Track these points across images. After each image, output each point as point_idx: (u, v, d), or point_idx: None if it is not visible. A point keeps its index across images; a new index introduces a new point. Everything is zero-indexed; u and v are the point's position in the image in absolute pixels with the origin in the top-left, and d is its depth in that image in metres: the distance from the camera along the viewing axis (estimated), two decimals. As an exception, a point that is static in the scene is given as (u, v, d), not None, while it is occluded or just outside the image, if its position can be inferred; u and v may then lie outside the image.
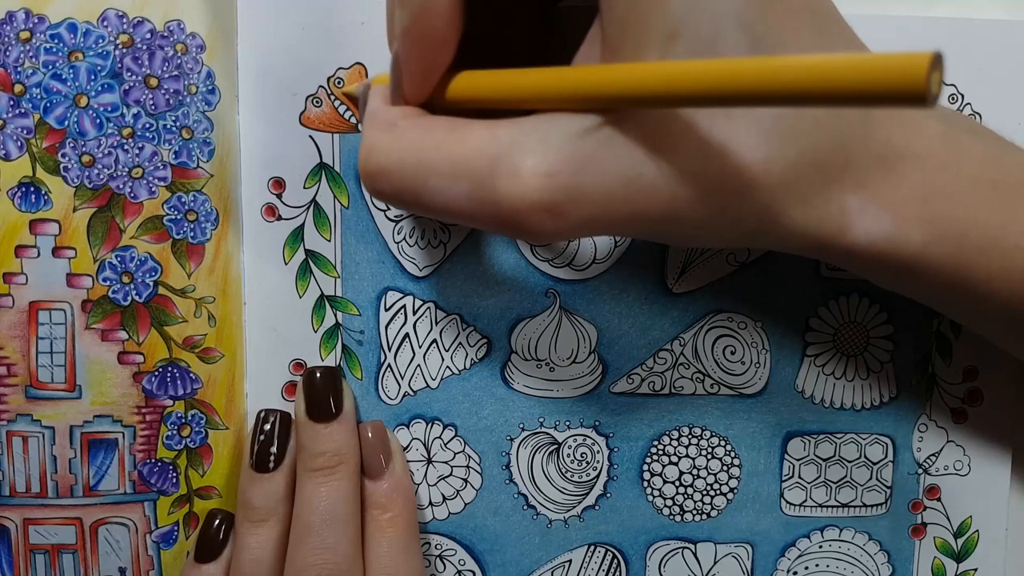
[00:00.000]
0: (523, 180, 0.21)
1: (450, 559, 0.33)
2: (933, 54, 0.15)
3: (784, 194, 0.22)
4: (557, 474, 0.33)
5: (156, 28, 0.29)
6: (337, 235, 0.31)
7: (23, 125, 0.29)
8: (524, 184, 0.21)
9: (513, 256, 0.31)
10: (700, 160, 0.21)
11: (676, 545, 0.33)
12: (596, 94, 0.21)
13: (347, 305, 0.31)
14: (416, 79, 0.24)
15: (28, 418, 0.30)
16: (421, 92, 0.24)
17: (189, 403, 0.31)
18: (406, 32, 0.23)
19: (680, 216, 0.22)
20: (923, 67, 0.15)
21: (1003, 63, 0.31)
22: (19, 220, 0.29)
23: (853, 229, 0.23)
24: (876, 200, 0.23)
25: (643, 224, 0.22)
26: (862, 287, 0.32)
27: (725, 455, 0.33)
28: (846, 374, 0.32)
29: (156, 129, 0.29)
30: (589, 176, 0.21)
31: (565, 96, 0.22)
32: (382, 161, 0.24)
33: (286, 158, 0.30)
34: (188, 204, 0.30)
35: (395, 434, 0.32)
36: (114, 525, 0.31)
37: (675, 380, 0.32)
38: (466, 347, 0.32)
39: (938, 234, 0.23)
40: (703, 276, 0.32)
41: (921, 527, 0.34)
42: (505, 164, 0.22)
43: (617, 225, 0.22)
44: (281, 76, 0.30)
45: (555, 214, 0.21)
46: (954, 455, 0.33)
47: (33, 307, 0.30)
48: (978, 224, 0.23)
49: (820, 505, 0.33)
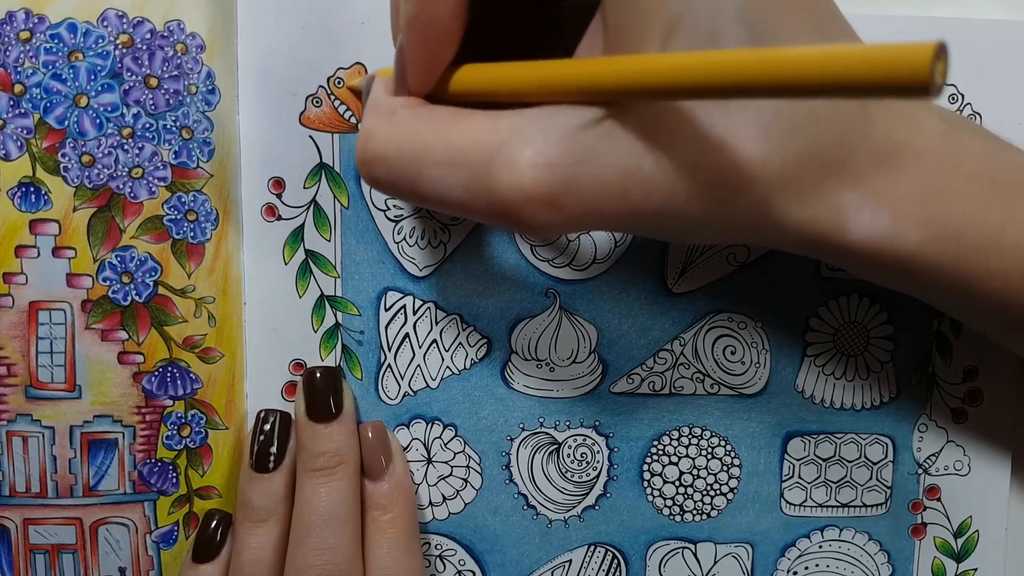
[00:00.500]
0: (521, 171, 0.21)
1: (450, 559, 0.33)
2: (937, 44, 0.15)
3: (782, 189, 0.22)
4: (557, 474, 0.33)
5: (156, 28, 0.29)
6: (337, 235, 0.31)
7: (23, 125, 0.29)
8: (522, 175, 0.21)
9: (513, 256, 0.31)
10: (698, 154, 0.21)
11: (676, 545, 0.33)
12: (597, 86, 0.21)
13: (347, 305, 0.31)
14: (420, 71, 0.24)
15: (28, 418, 0.30)
16: (425, 84, 0.24)
17: (189, 403, 0.31)
18: (411, 23, 0.23)
19: (678, 211, 0.22)
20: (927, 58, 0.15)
21: (1003, 63, 0.31)
22: (19, 220, 0.29)
23: (850, 226, 0.23)
24: (874, 197, 0.23)
25: (641, 219, 0.22)
26: (862, 287, 0.32)
27: (725, 455, 0.33)
28: (846, 374, 0.32)
29: (156, 129, 0.29)
30: (588, 168, 0.21)
31: (566, 88, 0.22)
32: (380, 148, 0.23)
33: (286, 158, 0.30)
34: (188, 204, 0.30)
35: (395, 434, 0.32)
36: (114, 525, 0.31)
37: (675, 380, 0.32)
38: (466, 347, 0.32)
39: (936, 233, 0.23)
40: (703, 276, 0.32)
41: (921, 527, 0.34)
42: (504, 155, 0.21)
43: (614, 219, 0.22)
44: (281, 76, 0.30)
45: (553, 206, 0.21)
46: (954, 455, 0.33)
47: (33, 307, 0.30)
48: (976, 222, 0.23)
49: (820, 505, 0.33)
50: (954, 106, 0.31)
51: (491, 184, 0.22)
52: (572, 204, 0.21)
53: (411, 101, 0.24)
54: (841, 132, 0.22)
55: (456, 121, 0.23)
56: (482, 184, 0.22)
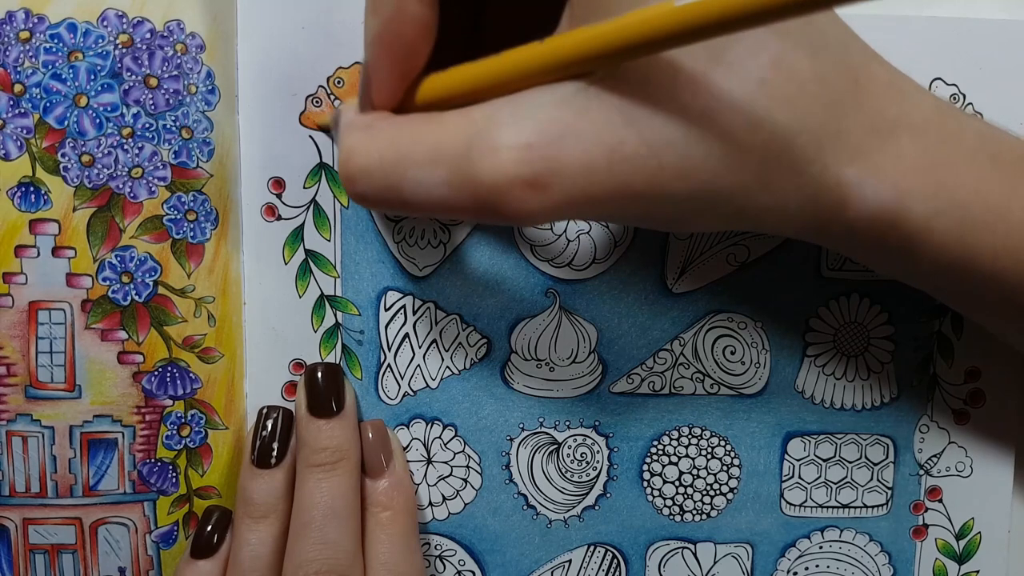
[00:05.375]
0: (501, 154, 0.21)
1: (450, 559, 0.33)
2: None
3: (776, 163, 0.22)
4: (557, 474, 0.33)
5: (156, 28, 0.29)
6: (337, 235, 0.31)
7: (23, 125, 0.29)
8: (502, 158, 0.21)
9: (513, 256, 0.31)
10: (682, 127, 0.21)
11: (676, 545, 0.33)
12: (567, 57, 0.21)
13: (347, 305, 0.31)
14: (387, 87, 0.24)
15: (28, 418, 0.30)
16: (392, 99, 0.24)
17: (189, 403, 0.31)
18: (377, 40, 0.23)
19: (667, 188, 0.21)
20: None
21: (1003, 63, 0.31)
22: (19, 220, 0.29)
23: (853, 202, 0.22)
24: (875, 172, 0.22)
25: (631, 199, 0.22)
26: (862, 287, 0.32)
27: (725, 455, 0.33)
28: (846, 374, 0.32)
29: (156, 129, 0.29)
30: (569, 145, 0.21)
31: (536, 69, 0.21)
32: (362, 161, 0.23)
33: (286, 158, 0.30)
34: (188, 204, 0.30)
35: (395, 434, 0.32)
36: (114, 525, 0.31)
37: (675, 380, 0.32)
38: (466, 347, 0.32)
39: (941, 206, 0.23)
40: (703, 276, 0.32)
41: (922, 528, 0.33)
42: (481, 142, 0.21)
43: (604, 202, 0.22)
44: (281, 76, 0.30)
45: (537, 188, 0.21)
46: (956, 456, 0.33)
47: (33, 307, 0.30)
48: (981, 196, 0.23)
49: (820, 506, 0.33)
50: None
51: (473, 174, 0.21)
52: (556, 184, 0.21)
53: (383, 113, 0.24)
54: (831, 105, 0.22)
55: (431, 122, 0.23)
56: (464, 176, 0.21)
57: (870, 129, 0.22)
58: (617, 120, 0.21)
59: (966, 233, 0.23)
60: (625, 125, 0.21)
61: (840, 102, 0.22)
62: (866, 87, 0.23)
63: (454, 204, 0.22)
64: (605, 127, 0.21)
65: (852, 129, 0.22)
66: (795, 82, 0.21)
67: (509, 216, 0.22)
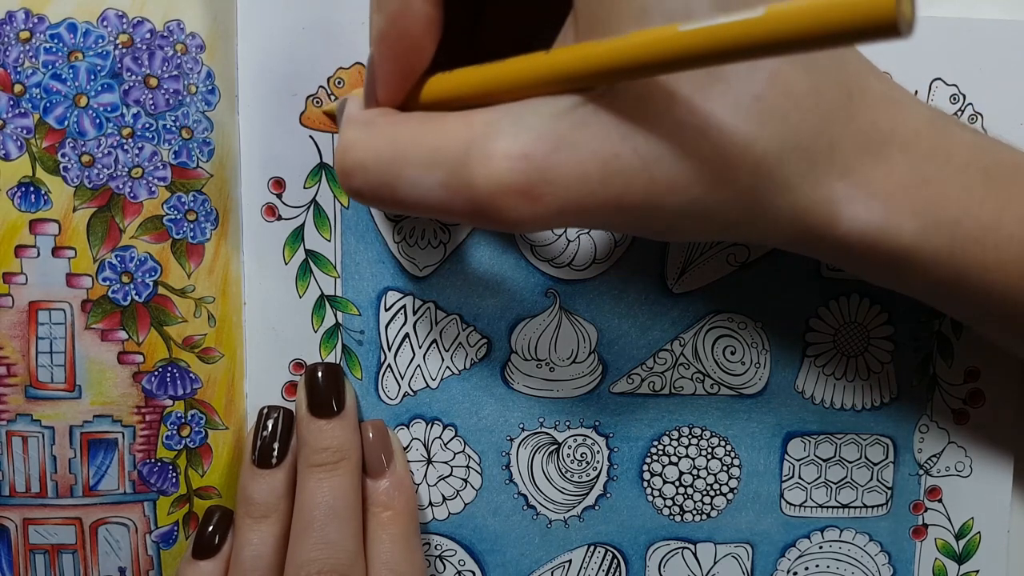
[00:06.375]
0: (496, 163, 0.21)
1: (450, 559, 0.33)
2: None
3: (768, 178, 0.22)
4: (557, 474, 0.33)
5: (156, 28, 0.29)
6: (337, 235, 0.31)
7: (23, 125, 0.29)
8: (498, 167, 0.21)
9: (513, 256, 0.31)
10: (677, 142, 0.21)
11: (676, 545, 0.33)
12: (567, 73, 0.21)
13: (347, 305, 0.31)
14: (391, 84, 0.24)
15: (28, 418, 0.30)
16: (396, 97, 0.24)
17: (189, 403, 0.31)
18: (382, 36, 0.23)
19: (660, 201, 0.21)
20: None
21: (1003, 63, 0.31)
22: (19, 220, 0.29)
23: (843, 219, 0.23)
24: (865, 188, 0.23)
25: (624, 212, 0.22)
26: (862, 287, 0.32)
27: (725, 455, 0.33)
28: (846, 375, 0.32)
29: (156, 129, 0.29)
30: (564, 157, 0.21)
31: (537, 80, 0.21)
32: (359, 156, 0.23)
33: (286, 158, 0.30)
34: (188, 204, 0.30)
35: (396, 434, 0.32)
36: (114, 525, 0.31)
37: (675, 380, 0.32)
38: (466, 347, 0.32)
39: (931, 223, 0.23)
40: (703, 276, 0.32)
41: (922, 528, 0.33)
42: (478, 148, 0.21)
43: (597, 213, 0.22)
44: (281, 76, 0.30)
45: (531, 197, 0.21)
46: (956, 456, 0.33)
47: (33, 307, 0.30)
48: (971, 213, 0.23)
49: (820, 506, 0.33)
50: (954, 106, 0.31)
51: (468, 179, 0.21)
52: (550, 194, 0.21)
53: (386, 110, 0.24)
54: (824, 118, 0.22)
55: (431, 123, 0.23)
56: (459, 180, 0.22)
57: (862, 143, 0.23)
58: (613, 134, 0.21)
59: (956, 249, 0.23)
60: (621, 139, 0.21)
61: (833, 116, 0.22)
62: (860, 100, 0.23)
63: (448, 207, 0.22)
64: (601, 140, 0.21)
65: (844, 143, 0.22)
66: (791, 97, 0.21)
67: (502, 223, 0.22)
